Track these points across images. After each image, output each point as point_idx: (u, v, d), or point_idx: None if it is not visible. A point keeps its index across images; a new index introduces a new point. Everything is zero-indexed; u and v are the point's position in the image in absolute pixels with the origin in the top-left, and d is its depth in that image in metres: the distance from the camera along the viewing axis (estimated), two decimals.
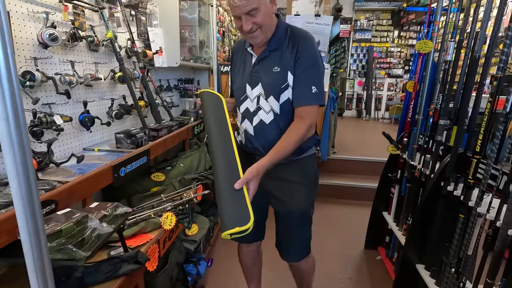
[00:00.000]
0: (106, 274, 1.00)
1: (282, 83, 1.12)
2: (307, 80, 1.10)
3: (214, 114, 1.12)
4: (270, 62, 1.14)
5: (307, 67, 1.10)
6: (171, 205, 1.41)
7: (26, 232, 0.57)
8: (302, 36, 1.12)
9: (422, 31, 1.71)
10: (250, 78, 1.18)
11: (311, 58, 1.10)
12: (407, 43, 7.66)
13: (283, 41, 1.13)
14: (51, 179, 1.04)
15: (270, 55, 1.14)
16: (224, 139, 1.03)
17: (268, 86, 1.14)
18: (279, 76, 1.12)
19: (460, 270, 1.24)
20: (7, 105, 0.51)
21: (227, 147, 1.00)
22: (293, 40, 1.12)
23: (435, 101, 1.63)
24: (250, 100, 1.19)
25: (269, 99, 1.15)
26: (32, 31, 1.18)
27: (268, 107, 1.16)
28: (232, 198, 0.87)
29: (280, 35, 1.14)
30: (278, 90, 1.13)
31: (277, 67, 1.13)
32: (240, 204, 0.86)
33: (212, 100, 1.19)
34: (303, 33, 1.14)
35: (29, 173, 0.55)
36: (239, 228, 0.79)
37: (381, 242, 2.23)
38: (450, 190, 1.33)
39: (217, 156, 0.97)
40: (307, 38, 1.12)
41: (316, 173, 1.30)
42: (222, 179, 0.90)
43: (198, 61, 2.69)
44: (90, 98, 1.52)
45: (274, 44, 1.14)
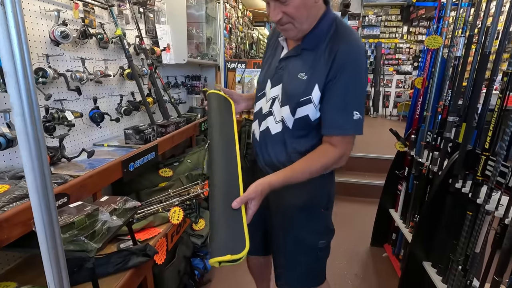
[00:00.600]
0: (116, 266, 1.03)
1: (303, 96, 0.89)
2: (346, 103, 0.86)
3: (219, 119, 0.99)
4: (299, 63, 0.92)
5: (347, 85, 0.85)
6: (179, 200, 1.44)
7: (41, 224, 0.59)
8: (346, 41, 0.86)
9: (432, 27, 1.69)
10: (273, 74, 0.98)
11: (354, 73, 0.85)
12: (417, 39, 7.52)
13: (321, 42, 0.88)
14: (63, 173, 1.07)
15: (302, 55, 0.92)
16: (228, 148, 0.90)
17: (287, 92, 0.93)
18: (302, 85, 0.89)
19: (468, 267, 1.24)
20: (23, 102, 0.53)
21: (229, 158, 0.87)
22: (332, 44, 0.86)
23: (444, 97, 1.61)
24: (265, 100, 1.01)
25: (284, 108, 0.94)
26: (44, 29, 1.21)
27: (279, 116, 0.95)
28: (227, 219, 0.74)
29: (320, 33, 0.89)
30: (295, 103, 0.90)
31: (304, 74, 0.89)
32: (236, 227, 0.73)
33: (220, 103, 1.05)
34: (349, 36, 0.87)
35: (44, 167, 0.58)
36: (231, 257, 0.67)
37: (388, 239, 2.22)
38: (458, 187, 1.32)
39: (216, 167, 0.84)
40: (351, 44, 0.86)
41: (329, 197, 1.03)
42: (218, 194, 0.78)
43: (205, 58, 2.70)
44: (99, 94, 1.54)
45: (310, 42, 0.90)
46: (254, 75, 2.98)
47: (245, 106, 1.17)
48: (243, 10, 4.65)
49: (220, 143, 0.91)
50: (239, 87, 3.03)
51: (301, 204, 1.00)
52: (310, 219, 1.02)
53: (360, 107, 0.87)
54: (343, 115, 0.86)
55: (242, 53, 4.49)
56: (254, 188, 0.80)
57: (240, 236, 0.71)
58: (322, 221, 1.04)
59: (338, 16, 0.92)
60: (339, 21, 0.91)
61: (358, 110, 0.86)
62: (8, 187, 0.85)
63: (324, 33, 0.89)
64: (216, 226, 0.73)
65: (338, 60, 0.84)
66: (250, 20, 5.28)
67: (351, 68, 0.85)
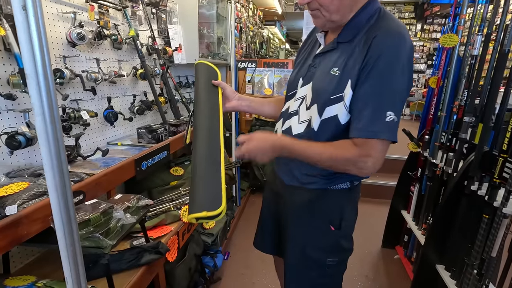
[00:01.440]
0: (129, 262, 1.06)
1: (334, 93, 0.80)
2: (379, 100, 0.74)
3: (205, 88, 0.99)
4: (333, 58, 0.83)
5: (382, 80, 0.74)
6: None
7: (60, 220, 0.61)
8: (385, 29, 0.75)
9: (447, 25, 1.64)
10: (306, 73, 0.91)
11: (391, 66, 0.73)
12: (431, 36, 7.36)
13: (360, 32, 0.79)
14: (79, 171, 1.10)
15: (338, 49, 0.83)
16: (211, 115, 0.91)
17: (316, 90, 0.85)
18: (334, 82, 0.80)
19: (483, 272, 1.21)
20: (44, 102, 0.55)
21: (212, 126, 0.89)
22: (370, 33, 0.76)
23: (459, 97, 1.57)
24: (294, 99, 0.94)
25: (312, 108, 0.85)
26: (61, 31, 1.24)
27: (304, 116, 0.88)
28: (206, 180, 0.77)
29: (359, 24, 0.80)
30: (324, 100, 0.82)
31: (336, 69, 0.80)
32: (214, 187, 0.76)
33: (207, 73, 1.05)
34: (390, 24, 0.76)
35: (62, 165, 0.59)
36: (207, 213, 0.70)
37: (399, 241, 2.19)
38: (474, 189, 1.28)
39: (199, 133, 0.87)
40: (390, 33, 0.74)
41: (342, 215, 0.91)
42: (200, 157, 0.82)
43: (216, 58, 2.71)
44: (113, 94, 1.58)
45: (347, 34, 0.81)
46: (264, 75, 2.98)
47: (238, 104, 1.07)
48: (253, 9, 4.65)
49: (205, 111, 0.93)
50: (249, 86, 3.04)
51: (308, 216, 0.93)
52: (315, 234, 0.93)
53: (396, 108, 0.74)
54: (373, 114, 0.74)
55: (252, 52, 4.50)
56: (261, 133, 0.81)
57: (217, 194, 0.74)
58: (330, 239, 0.93)
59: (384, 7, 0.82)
60: (384, 11, 0.80)
61: (393, 111, 0.73)
62: (27, 185, 0.88)
63: (363, 24, 0.79)
64: (195, 186, 0.77)
65: (373, 50, 0.74)
66: (260, 19, 5.28)
67: (388, 60, 0.73)
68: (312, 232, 0.94)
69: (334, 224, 0.92)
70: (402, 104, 0.78)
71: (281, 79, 2.95)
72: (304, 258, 0.96)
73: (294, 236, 0.98)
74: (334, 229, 0.92)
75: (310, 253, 0.95)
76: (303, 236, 0.95)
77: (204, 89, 0.99)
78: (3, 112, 1.01)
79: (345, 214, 0.92)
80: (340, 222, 0.92)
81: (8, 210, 0.76)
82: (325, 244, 0.94)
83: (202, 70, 1.05)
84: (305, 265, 0.97)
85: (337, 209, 0.91)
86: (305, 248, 0.95)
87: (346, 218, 0.93)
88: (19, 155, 1.07)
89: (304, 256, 0.96)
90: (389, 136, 0.75)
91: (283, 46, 9.24)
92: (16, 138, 0.96)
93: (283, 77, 2.95)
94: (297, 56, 1.05)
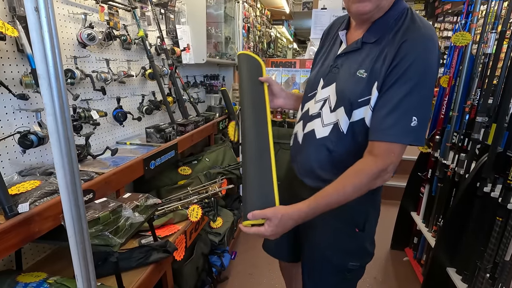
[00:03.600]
0: (138, 260, 1.07)
1: (362, 96, 0.78)
2: (405, 103, 0.72)
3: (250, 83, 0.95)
4: (358, 59, 0.81)
5: (409, 82, 0.72)
6: (197, 198, 1.46)
7: (70, 218, 0.62)
8: (415, 35, 0.73)
9: (459, 23, 1.61)
10: (327, 73, 0.88)
11: (420, 73, 0.71)
12: (442, 35, 7.21)
13: (387, 33, 0.77)
14: (89, 170, 1.12)
15: (363, 49, 0.80)
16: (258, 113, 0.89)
17: (341, 92, 0.82)
18: (361, 84, 0.77)
19: (496, 276, 1.18)
20: (55, 102, 0.56)
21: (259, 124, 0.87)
22: (400, 36, 0.74)
23: (472, 96, 1.53)
24: (314, 101, 0.91)
25: (338, 111, 0.82)
26: (72, 32, 1.26)
27: (329, 119, 0.85)
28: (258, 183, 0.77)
29: (387, 23, 0.78)
30: (352, 103, 0.79)
31: (363, 71, 0.78)
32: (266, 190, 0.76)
33: (251, 65, 0.99)
34: (420, 29, 0.74)
35: (73, 164, 0.60)
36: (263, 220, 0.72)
37: (409, 243, 2.15)
38: (487, 191, 1.25)
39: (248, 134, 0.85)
40: (421, 39, 0.73)
41: (367, 217, 0.90)
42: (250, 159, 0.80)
43: (224, 58, 2.72)
44: (123, 94, 1.60)
45: (374, 33, 0.79)
46: (272, 74, 2.97)
47: (285, 103, 1.03)
48: (261, 9, 4.65)
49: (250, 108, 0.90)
50: None
51: (332, 218, 0.87)
52: (340, 237, 0.91)
53: (421, 113, 0.72)
54: (398, 117, 0.72)
55: (260, 52, 4.49)
56: (275, 211, 0.74)
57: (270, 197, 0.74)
58: (354, 242, 0.91)
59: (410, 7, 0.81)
60: (412, 12, 0.78)
61: (418, 116, 0.71)
62: (39, 183, 0.89)
63: (392, 24, 0.77)
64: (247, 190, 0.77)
65: (402, 51, 0.72)
66: (268, 18, 5.27)
67: (418, 67, 0.71)
68: (335, 235, 0.91)
69: (359, 226, 0.90)
70: (429, 108, 0.75)
71: (288, 78, 2.94)
72: (324, 262, 0.94)
73: (314, 239, 0.95)
74: (359, 231, 0.90)
75: (331, 257, 0.93)
76: (325, 239, 0.93)
77: (249, 85, 0.95)
78: (16, 111, 1.03)
79: (369, 216, 0.91)
80: (364, 224, 0.90)
81: (21, 208, 0.77)
82: (349, 247, 0.92)
83: (245, 62, 0.99)
84: (324, 269, 0.95)
85: (362, 211, 0.89)
86: (326, 251, 0.93)
87: (370, 220, 0.91)
88: (31, 154, 1.09)
89: (324, 260, 0.94)
90: (412, 141, 0.73)
91: (291, 45, 9.20)
92: (28, 137, 0.98)
93: (290, 77, 2.94)
94: (316, 53, 1.01)
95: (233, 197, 2.23)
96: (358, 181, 0.74)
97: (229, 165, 2.02)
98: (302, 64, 2.97)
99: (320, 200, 0.76)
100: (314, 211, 0.76)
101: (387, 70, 0.74)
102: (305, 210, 0.75)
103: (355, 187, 0.74)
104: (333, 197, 0.76)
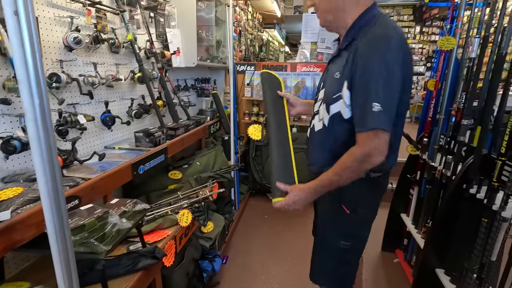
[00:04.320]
0: (126, 267, 1.05)
1: (335, 93, 0.92)
2: (365, 95, 0.83)
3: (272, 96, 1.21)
4: (337, 64, 0.96)
5: (365, 76, 0.83)
6: (187, 203, 1.45)
7: (52, 226, 0.60)
8: (370, 35, 0.85)
9: (445, 27, 1.65)
10: (324, 78, 1.07)
11: (372, 62, 0.82)
12: (430, 39, 7.38)
13: (355, 39, 0.90)
14: (75, 175, 1.10)
15: (340, 55, 0.95)
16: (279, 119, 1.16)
17: (326, 92, 0.99)
18: (335, 84, 0.92)
19: (483, 276, 1.19)
20: (36, 107, 0.55)
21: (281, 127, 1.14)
22: (359, 39, 0.87)
23: (458, 100, 1.57)
24: (317, 101, 1.10)
25: (325, 107, 0.99)
26: (58, 35, 1.24)
27: (322, 115, 1.01)
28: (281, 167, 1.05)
29: (355, 30, 0.91)
30: (328, 100, 0.95)
31: (338, 73, 0.92)
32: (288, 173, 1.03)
33: (272, 81, 1.25)
34: (376, 30, 0.85)
35: (55, 171, 0.59)
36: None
37: (399, 244, 2.17)
38: (473, 192, 1.27)
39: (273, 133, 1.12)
40: (374, 34, 0.84)
41: (357, 199, 1.01)
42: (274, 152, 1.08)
43: (215, 61, 2.72)
44: (111, 98, 1.57)
45: (345, 40, 0.93)
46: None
47: (302, 109, 1.24)
48: (252, 13, 4.67)
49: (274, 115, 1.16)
50: (248, 89, 3.04)
51: (330, 200, 1.04)
52: (334, 218, 1.06)
53: (381, 98, 0.81)
54: (362, 109, 0.84)
55: (251, 55, 4.50)
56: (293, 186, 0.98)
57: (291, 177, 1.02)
58: (345, 222, 1.04)
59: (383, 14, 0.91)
60: (378, 18, 0.89)
61: (378, 102, 0.81)
62: (22, 190, 0.87)
63: (357, 31, 0.89)
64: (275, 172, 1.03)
65: (358, 52, 0.85)
66: (259, 22, 5.30)
67: (369, 59, 0.83)
68: (331, 214, 1.07)
69: (349, 208, 1.02)
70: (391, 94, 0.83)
71: None
72: (324, 240, 1.12)
73: (320, 219, 1.15)
74: (349, 212, 1.02)
75: (329, 236, 1.09)
76: (325, 219, 1.11)
77: (272, 98, 1.21)
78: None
79: (361, 201, 1.02)
80: (354, 206, 1.02)
81: (1, 216, 0.75)
82: (339, 227, 1.06)
83: (267, 79, 1.26)
84: (325, 247, 1.12)
85: (353, 195, 1.00)
86: (325, 231, 1.11)
87: (362, 205, 1.03)
88: (15, 159, 1.06)
89: (324, 238, 1.12)
90: (378, 125, 0.82)
91: (283, 49, 9.26)
92: (11, 143, 0.96)
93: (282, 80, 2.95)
94: None
95: (225, 201, 2.22)
96: (349, 164, 0.88)
97: (221, 168, 2.01)
98: (293, 68, 2.99)
99: (323, 177, 0.93)
100: (319, 187, 0.94)
101: (350, 70, 0.87)
102: (312, 186, 0.95)
103: (347, 169, 0.89)
104: (331, 177, 0.92)
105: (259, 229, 2.53)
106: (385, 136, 0.83)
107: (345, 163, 0.89)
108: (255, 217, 2.75)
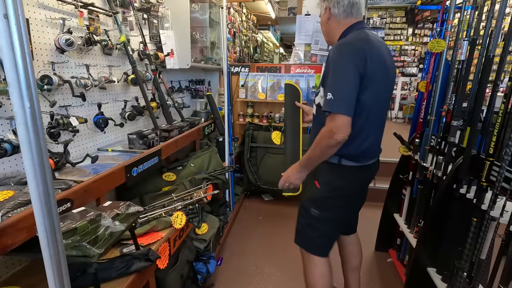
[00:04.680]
0: (119, 270, 1.04)
1: (318, 89, 1.25)
2: (326, 89, 1.11)
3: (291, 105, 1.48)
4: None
5: (327, 73, 1.12)
6: (182, 205, 1.45)
7: (43, 230, 0.60)
8: (338, 43, 1.16)
9: (435, 30, 1.68)
10: None
11: (331, 62, 1.11)
12: (422, 40, 7.48)
13: None
14: (67, 178, 1.09)
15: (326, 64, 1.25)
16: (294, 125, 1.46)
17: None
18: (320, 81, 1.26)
19: (473, 274, 1.22)
20: (26, 110, 0.55)
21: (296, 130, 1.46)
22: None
23: (448, 101, 1.59)
24: None
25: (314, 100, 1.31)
26: (50, 37, 1.23)
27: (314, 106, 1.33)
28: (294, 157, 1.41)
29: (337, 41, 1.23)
30: (315, 94, 1.28)
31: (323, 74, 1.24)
32: None
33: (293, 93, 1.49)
34: (343, 40, 1.16)
35: (46, 174, 0.59)
36: None
37: (392, 244, 2.19)
38: (463, 192, 1.30)
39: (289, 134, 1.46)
40: (337, 45, 1.13)
41: (326, 179, 1.26)
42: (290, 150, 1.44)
43: (209, 62, 2.72)
44: (104, 100, 1.57)
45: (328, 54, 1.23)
46: (258, 79, 2.99)
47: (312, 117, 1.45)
48: (247, 14, 4.68)
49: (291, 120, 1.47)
50: (242, 90, 3.04)
51: (310, 177, 1.30)
52: (310, 189, 1.33)
53: (333, 89, 1.07)
54: (324, 98, 1.11)
55: (246, 56, 4.51)
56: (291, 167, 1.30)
57: None
58: (315, 194, 1.29)
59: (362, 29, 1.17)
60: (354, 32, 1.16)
61: (330, 92, 1.07)
62: (13, 193, 0.86)
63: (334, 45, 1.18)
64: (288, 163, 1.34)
65: (328, 57, 1.14)
66: (254, 23, 5.31)
67: (329, 59, 1.12)
68: (309, 186, 1.33)
69: (319, 184, 1.28)
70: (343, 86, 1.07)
71: (274, 83, 2.97)
72: (302, 205, 1.36)
73: (303, 190, 1.38)
74: (319, 186, 1.29)
75: (305, 202, 1.34)
76: (306, 189, 1.36)
77: (291, 106, 1.48)
78: None
79: (331, 181, 1.26)
80: (322, 185, 1.27)
81: None
82: (311, 196, 1.32)
83: (289, 90, 1.49)
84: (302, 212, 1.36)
85: (324, 175, 1.27)
86: (303, 198, 1.36)
87: (328, 184, 1.26)
88: (6, 163, 1.05)
89: (302, 204, 1.36)
90: (330, 109, 1.07)
91: (277, 50, 9.29)
92: (1, 146, 0.95)
93: (276, 82, 2.96)
94: None
95: (219, 203, 2.22)
96: (318, 140, 1.14)
97: (215, 170, 2.01)
98: (287, 69, 3.00)
99: (305, 155, 1.22)
100: (303, 162, 1.23)
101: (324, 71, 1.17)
102: (298, 163, 1.27)
103: (317, 144, 1.14)
104: (309, 152, 1.19)
105: (253, 231, 2.53)
106: (342, 118, 1.06)
107: (316, 140, 1.14)
108: (250, 218, 2.75)
